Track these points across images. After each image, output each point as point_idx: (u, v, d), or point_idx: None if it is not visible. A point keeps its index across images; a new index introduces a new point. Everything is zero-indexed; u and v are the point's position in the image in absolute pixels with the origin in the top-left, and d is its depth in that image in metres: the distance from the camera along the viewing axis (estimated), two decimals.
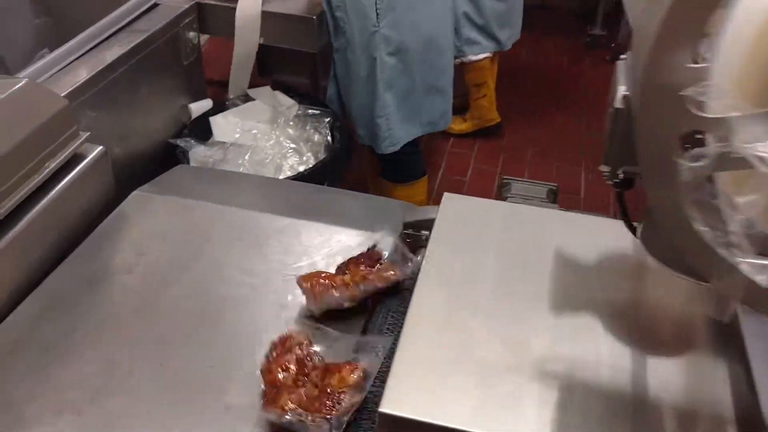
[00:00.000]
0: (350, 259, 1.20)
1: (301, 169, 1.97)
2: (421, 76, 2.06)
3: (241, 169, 1.91)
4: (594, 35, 3.94)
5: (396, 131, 2.10)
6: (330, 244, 1.29)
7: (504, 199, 1.30)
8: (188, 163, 1.89)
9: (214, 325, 1.11)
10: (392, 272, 1.15)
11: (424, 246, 1.27)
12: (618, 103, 0.72)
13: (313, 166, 1.92)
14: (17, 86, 1.20)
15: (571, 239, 1.05)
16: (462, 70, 2.80)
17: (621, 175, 0.77)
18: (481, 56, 2.78)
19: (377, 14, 1.94)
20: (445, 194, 1.10)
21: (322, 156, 2.03)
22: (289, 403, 0.92)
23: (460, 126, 3.11)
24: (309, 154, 2.02)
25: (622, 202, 0.82)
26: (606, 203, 2.81)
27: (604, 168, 0.77)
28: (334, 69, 2.16)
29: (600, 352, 0.87)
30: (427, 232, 1.27)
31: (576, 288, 0.96)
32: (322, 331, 1.08)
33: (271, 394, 0.96)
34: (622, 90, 0.71)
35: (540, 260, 1.00)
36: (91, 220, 1.34)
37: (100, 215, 1.35)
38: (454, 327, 0.89)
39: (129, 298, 1.17)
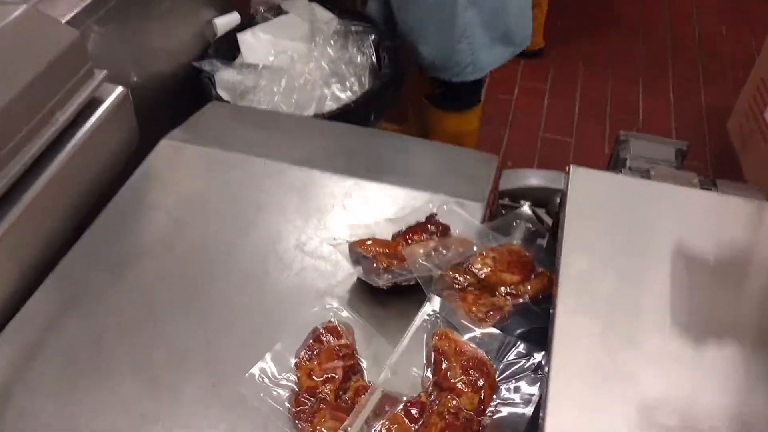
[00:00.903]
0: (408, 228, 0.98)
1: (344, 97, 1.71)
2: None
3: (276, 98, 1.64)
4: None
5: (481, 55, 1.72)
6: (405, 212, 1.06)
7: (623, 161, 1.05)
8: (214, 88, 1.63)
9: (276, 328, 0.89)
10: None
11: (525, 220, 1.05)
12: None
13: (362, 95, 1.64)
14: (14, 15, 0.94)
15: (736, 234, 0.82)
16: None
17: None
18: None
19: None
20: (572, 169, 0.85)
21: (366, 80, 1.75)
22: (324, 429, 0.75)
23: None
24: (352, 79, 1.75)
25: None
26: (667, 127, 2.55)
27: None
28: None
29: None
30: (528, 203, 1.04)
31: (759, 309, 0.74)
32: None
33: (307, 405, 0.79)
34: None
35: (706, 268, 0.78)
36: (113, 178, 1.10)
37: (122, 172, 1.11)
38: (617, 374, 0.67)
39: (168, 286, 0.95)
